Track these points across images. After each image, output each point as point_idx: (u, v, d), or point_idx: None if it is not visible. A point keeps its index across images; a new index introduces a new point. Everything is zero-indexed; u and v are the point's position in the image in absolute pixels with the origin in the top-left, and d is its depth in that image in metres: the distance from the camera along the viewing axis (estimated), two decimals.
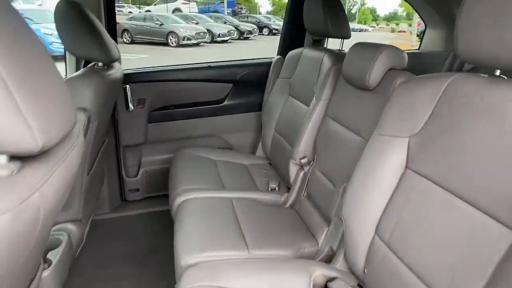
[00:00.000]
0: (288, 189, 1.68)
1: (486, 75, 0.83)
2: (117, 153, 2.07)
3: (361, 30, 26.77)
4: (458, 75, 0.87)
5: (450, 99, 0.85)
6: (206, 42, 13.47)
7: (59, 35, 1.31)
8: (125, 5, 18.95)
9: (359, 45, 1.33)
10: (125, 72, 1.94)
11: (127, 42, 12.81)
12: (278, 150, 1.90)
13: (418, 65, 2.38)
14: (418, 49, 2.44)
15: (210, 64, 2.13)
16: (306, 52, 1.82)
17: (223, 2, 20.23)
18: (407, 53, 2.28)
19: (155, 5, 18.11)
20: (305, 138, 1.56)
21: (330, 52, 1.62)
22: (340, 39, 1.68)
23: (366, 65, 1.21)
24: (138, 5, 19.86)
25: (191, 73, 2.09)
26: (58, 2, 1.27)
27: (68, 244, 1.21)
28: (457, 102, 0.82)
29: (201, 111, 2.17)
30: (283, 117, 1.91)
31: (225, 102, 2.19)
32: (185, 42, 12.38)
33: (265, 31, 17.82)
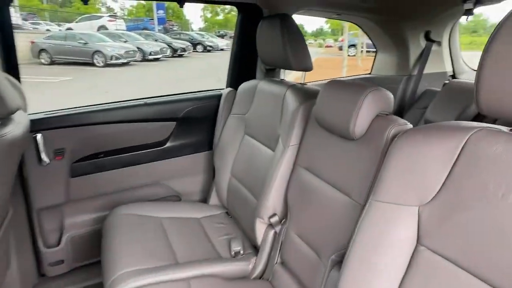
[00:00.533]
0: (255, 248, 1.40)
1: (510, 129, 0.68)
2: (29, 220, 1.60)
3: None
4: (479, 130, 0.69)
5: (471, 162, 0.68)
6: (136, 61, 12.75)
7: None
8: (41, 22, 17.26)
9: (334, 85, 1.11)
10: (34, 117, 1.51)
11: (46, 63, 11.59)
12: (237, 199, 1.61)
13: None
14: (370, 73, 2.35)
15: (146, 100, 1.78)
16: (263, 85, 1.58)
17: (153, 19, 19.53)
18: (360, 77, 2.17)
19: (77, 22, 16.76)
20: (273, 191, 1.30)
21: (293, 87, 1.39)
22: (302, 72, 1.47)
23: (348, 111, 1.00)
24: (57, 22, 18.24)
25: (122, 112, 1.72)
26: None
27: None
28: (482, 167, 0.66)
29: (139, 156, 1.80)
30: (241, 160, 1.63)
31: (168, 144, 1.84)
32: (113, 61, 11.56)
33: (199, 48, 17.54)
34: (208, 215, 1.70)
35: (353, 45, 14.05)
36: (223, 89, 1.91)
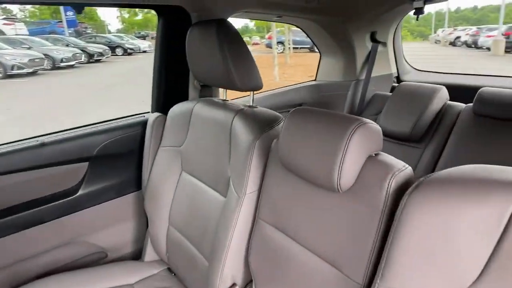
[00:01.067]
0: None
1: None
2: None
3: None
4: None
5: None
6: (45, 69, 11.28)
7: None
8: None
9: (303, 115, 0.83)
10: None
11: None
12: (181, 256, 1.26)
13: (321, 98, 2.08)
14: (315, 79, 2.14)
15: (43, 139, 1.32)
16: (200, 108, 1.25)
17: (61, 22, 17.51)
18: (306, 86, 1.94)
19: None
20: (230, 254, 0.98)
21: (243, 113, 1.08)
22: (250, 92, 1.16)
23: (328, 156, 0.72)
24: None
25: (11, 159, 1.24)
26: None
27: None
28: None
29: (44, 212, 1.33)
30: (180, 205, 1.28)
31: (81, 191, 1.40)
32: (15, 71, 10.05)
33: (119, 51, 16.26)
34: (145, 277, 1.32)
35: (280, 42, 14.10)
36: (148, 112, 1.53)
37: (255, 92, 1.15)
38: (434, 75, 2.17)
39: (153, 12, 1.44)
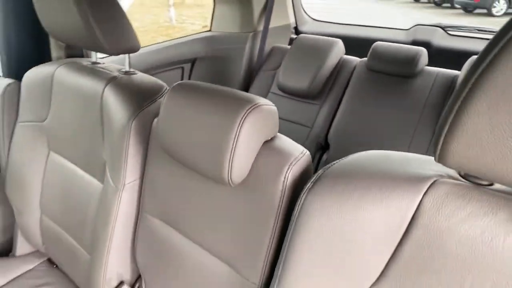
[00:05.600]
0: None
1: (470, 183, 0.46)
2: None
3: None
4: (436, 184, 0.46)
5: (427, 240, 0.46)
6: None
7: None
8: None
9: (184, 92, 0.70)
10: None
11: None
12: (60, 247, 1.09)
13: (216, 51, 1.92)
14: (210, 30, 1.95)
15: None
16: (63, 73, 1.00)
17: None
18: (199, 38, 1.76)
19: None
20: (113, 251, 0.86)
21: (116, 83, 0.89)
22: (126, 54, 0.95)
23: (217, 146, 0.63)
24: None
25: None
26: None
27: None
28: (445, 248, 0.45)
29: None
30: (52, 191, 1.08)
31: None
32: None
33: None
34: (19, 274, 1.13)
35: None
36: None
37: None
38: (332, 25, 2.16)
39: None
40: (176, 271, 0.78)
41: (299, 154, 0.63)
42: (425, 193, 0.45)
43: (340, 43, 1.67)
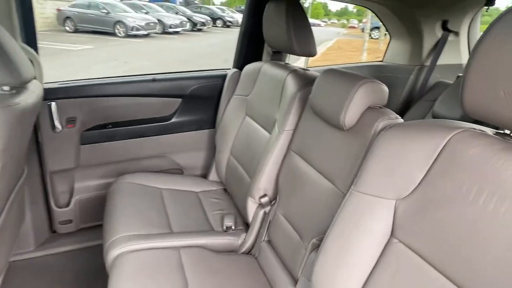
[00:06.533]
0: (246, 225, 1.46)
1: (495, 133, 0.68)
2: (43, 181, 1.71)
3: (313, 25, 26.82)
4: (462, 131, 0.70)
5: (450, 162, 0.69)
6: (156, 33, 12.76)
7: None
8: None
9: (330, 74, 1.12)
10: (49, 86, 1.59)
11: (71, 31, 11.77)
12: (234, 177, 1.67)
13: (382, 78, 2.25)
14: (382, 61, 2.31)
15: (154, 76, 1.82)
16: (266, 68, 1.60)
17: None
18: (371, 65, 2.15)
19: None
20: (266, 174, 1.34)
21: (295, 72, 1.40)
22: (305, 58, 1.47)
23: (340, 102, 1.02)
24: None
25: (131, 86, 1.77)
26: None
27: None
28: (459, 167, 0.67)
29: (146, 129, 1.86)
30: (240, 140, 1.68)
31: (174, 119, 1.90)
32: (133, 32, 11.60)
33: (219, 23, 17.35)
34: (206, 190, 1.76)
35: (377, 28, 13.45)
36: (229, 69, 1.94)
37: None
38: None
39: None
40: (300, 188, 1.19)
41: (393, 117, 0.96)
42: (454, 135, 0.71)
43: None
